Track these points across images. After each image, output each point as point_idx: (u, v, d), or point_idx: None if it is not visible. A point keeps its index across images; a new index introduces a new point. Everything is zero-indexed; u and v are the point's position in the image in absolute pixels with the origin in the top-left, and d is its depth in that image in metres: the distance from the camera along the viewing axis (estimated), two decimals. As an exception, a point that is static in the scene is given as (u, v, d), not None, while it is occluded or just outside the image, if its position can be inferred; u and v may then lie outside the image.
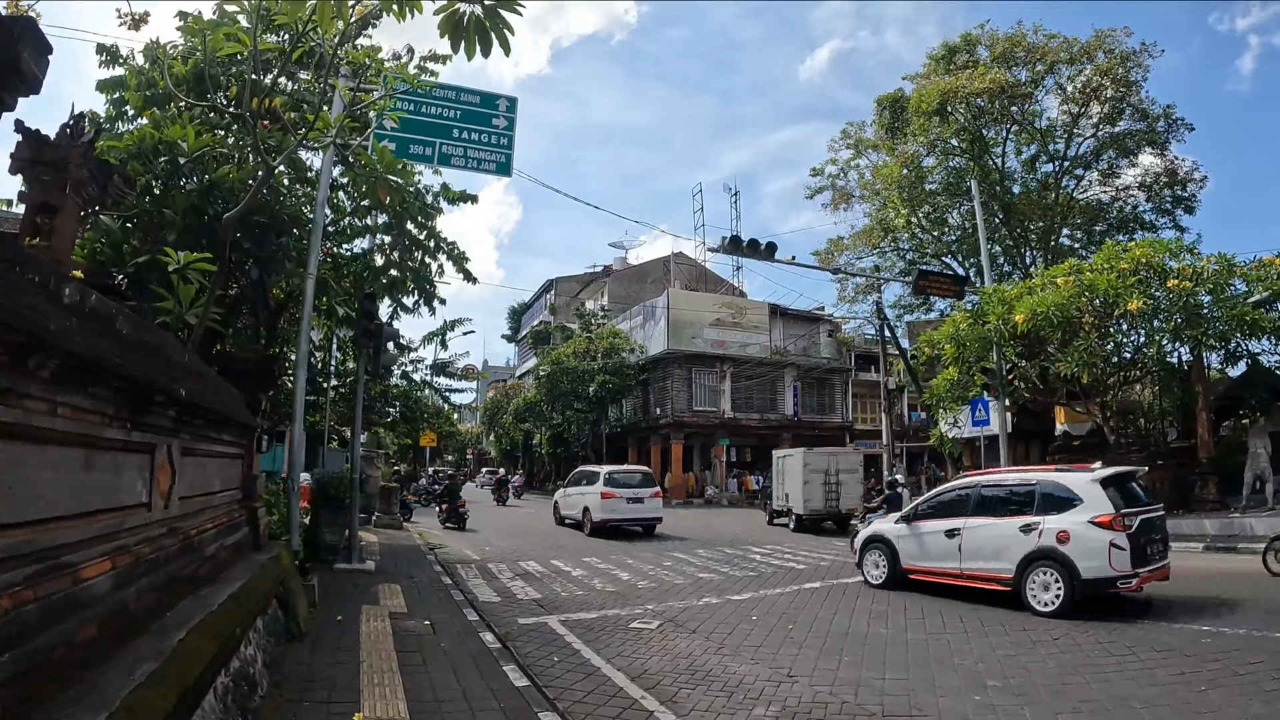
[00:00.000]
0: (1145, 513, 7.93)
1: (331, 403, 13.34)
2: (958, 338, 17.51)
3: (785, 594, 9.38)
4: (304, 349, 7.13)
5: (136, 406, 3.06)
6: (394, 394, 13.23)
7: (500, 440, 50.35)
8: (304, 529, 9.70)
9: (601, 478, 16.52)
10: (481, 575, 10.44)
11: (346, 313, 11.40)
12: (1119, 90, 24.24)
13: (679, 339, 33.16)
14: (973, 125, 23.59)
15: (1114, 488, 7.95)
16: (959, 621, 7.72)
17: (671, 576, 10.66)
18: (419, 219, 10.52)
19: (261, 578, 4.95)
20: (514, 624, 7.32)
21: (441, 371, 13.19)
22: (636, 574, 10.85)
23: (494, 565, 11.43)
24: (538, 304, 58.54)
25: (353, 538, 9.05)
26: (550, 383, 34.13)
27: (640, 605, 8.58)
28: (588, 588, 9.69)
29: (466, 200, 11.02)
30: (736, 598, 9.17)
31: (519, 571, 10.90)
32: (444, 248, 11.19)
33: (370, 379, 11.55)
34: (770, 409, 35.42)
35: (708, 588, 9.80)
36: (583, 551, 13.41)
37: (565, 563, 11.89)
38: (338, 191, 11.19)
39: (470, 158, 8.90)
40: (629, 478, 16.92)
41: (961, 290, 17.93)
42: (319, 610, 6.77)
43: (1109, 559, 7.42)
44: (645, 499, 16.27)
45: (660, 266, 45.70)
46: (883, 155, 28.15)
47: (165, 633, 3.01)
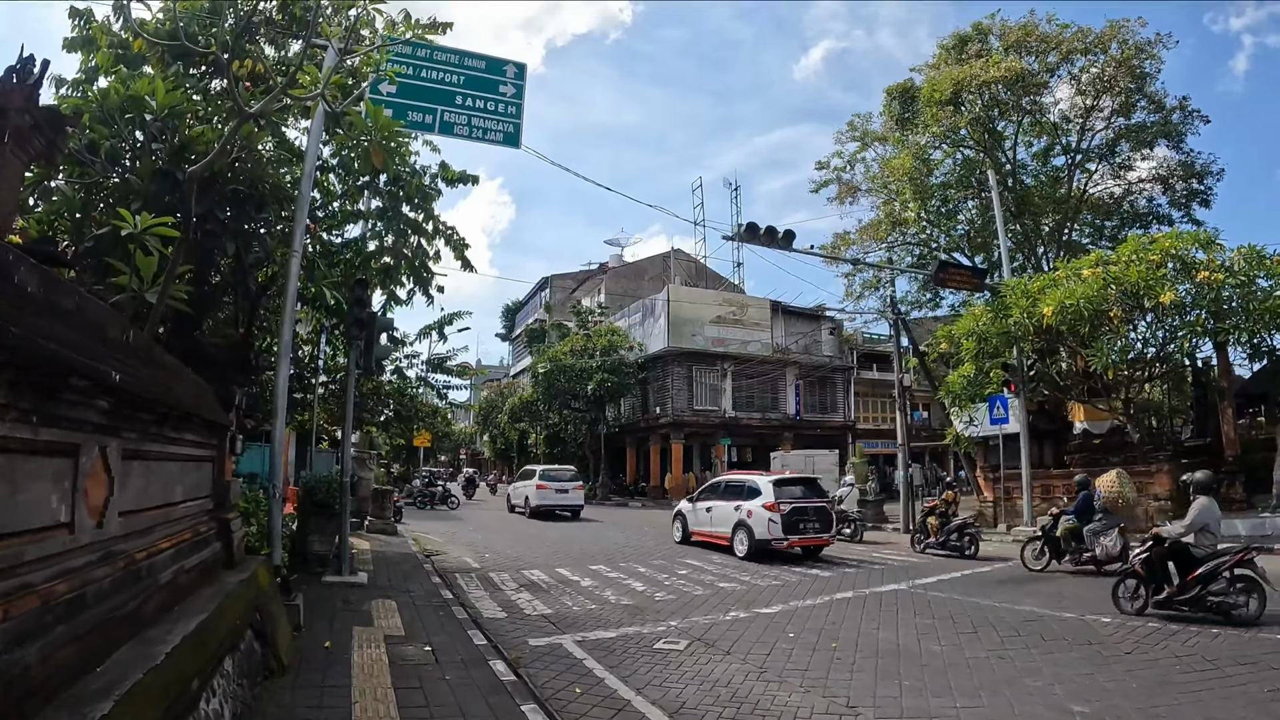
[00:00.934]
0: (799, 503, 12.50)
1: (321, 400, 12.46)
2: (978, 332, 16.85)
3: (818, 606, 8.63)
4: (287, 337, 6.29)
5: (43, 393, 2.23)
6: (387, 391, 12.35)
7: (495, 440, 49.41)
8: (290, 538, 8.85)
9: (537, 474, 21.66)
10: (484, 586, 9.62)
11: (336, 301, 10.55)
12: (1133, 82, 23.73)
13: (679, 336, 32.40)
14: (986, 116, 22.94)
15: (783, 487, 12.83)
16: (1015, 634, 7.05)
17: (689, 587, 9.88)
18: (415, 200, 9.70)
19: (232, 606, 4.12)
20: (525, 646, 6.51)
21: (438, 367, 12.35)
22: (651, 584, 10.06)
23: (496, 575, 10.61)
24: (532, 302, 57.59)
25: (343, 547, 8.21)
26: (547, 381, 33.26)
27: (662, 621, 7.80)
28: (600, 600, 8.89)
29: (466, 182, 10.17)
30: (765, 611, 8.41)
31: (524, 582, 10.08)
32: (442, 231, 10.38)
33: (362, 375, 10.69)
34: (772, 408, 34.72)
35: (731, 600, 9.02)
36: (589, 558, 12.60)
37: (572, 571, 11.08)
38: (328, 174, 10.37)
39: (475, 127, 8.06)
40: (559, 474, 21.92)
41: (982, 283, 17.26)
42: (305, 634, 5.93)
43: (768, 529, 12.17)
44: (570, 490, 21.24)
45: (658, 263, 44.94)
46: (889, 148, 27.52)
47: (83, 705, 2.19)
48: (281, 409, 6.19)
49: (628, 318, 36.43)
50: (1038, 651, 6.42)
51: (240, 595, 4.46)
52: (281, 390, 6.16)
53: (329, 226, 10.82)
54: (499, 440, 48.83)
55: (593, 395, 32.48)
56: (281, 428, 6.15)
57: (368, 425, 13.43)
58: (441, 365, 12.16)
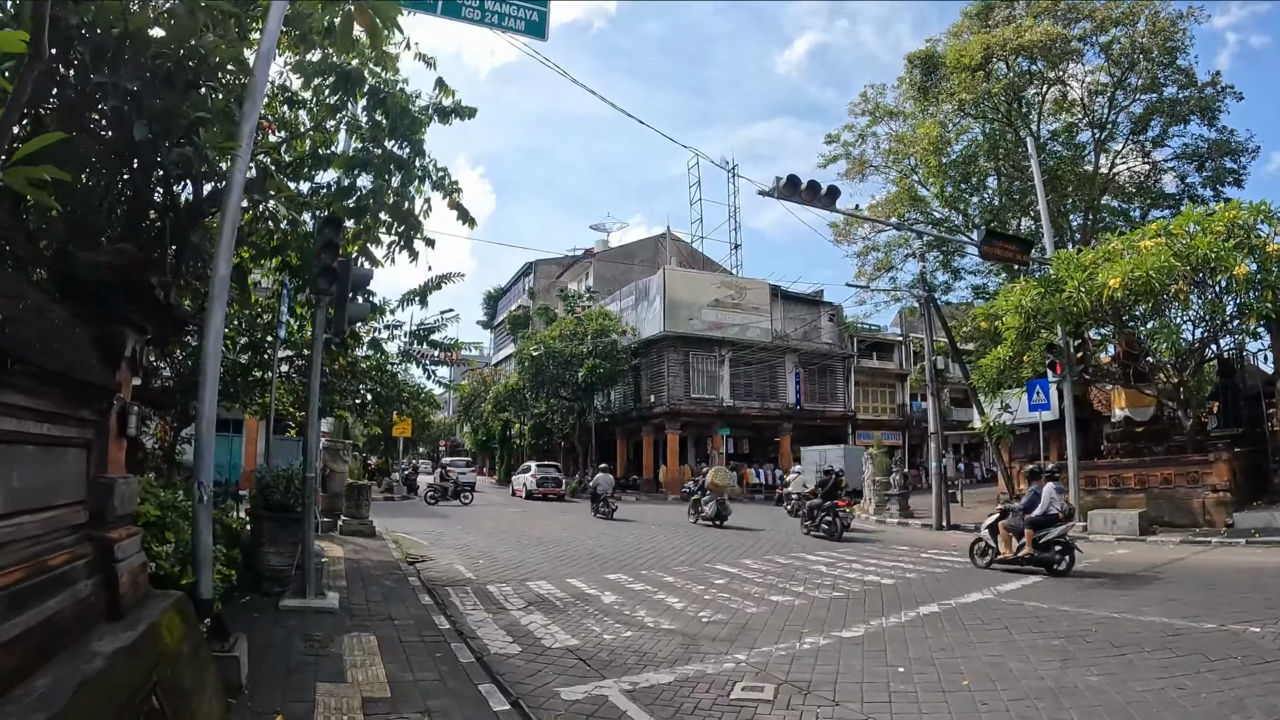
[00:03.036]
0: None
1: (284, 379, 10.44)
2: (1026, 309, 15.36)
3: (908, 625, 7.01)
4: (223, 270, 4.36)
5: None
6: (363, 369, 10.36)
7: (476, 431, 47.24)
8: (240, 549, 6.92)
9: (533, 468, 28.19)
10: (484, 605, 7.79)
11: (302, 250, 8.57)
12: (1165, 55, 22.60)
13: (675, 320, 30.65)
14: (1018, 83, 21.51)
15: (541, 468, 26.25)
16: (1170, 653, 5.64)
17: (737, 602, 8.16)
18: (400, 127, 7.78)
19: (91, 707, 2.26)
20: (558, 703, 4.73)
21: (424, 339, 10.35)
22: (689, 599, 8.33)
23: (496, 588, 8.78)
24: (515, 288, 55.36)
25: (307, 561, 6.31)
26: (535, 367, 31.30)
27: (725, 654, 6.09)
28: (634, 623, 7.13)
29: (464, 115, 8.28)
30: (849, 635, 6.75)
31: (532, 597, 8.27)
32: (431, 174, 8.47)
33: (333, 343, 8.73)
34: (771, 397, 33.21)
35: (797, 619, 7.33)
36: (601, 565, 10.82)
37: (587, 582, 9.30)
38: (297, 110, 8.41)
39: (488, 10, 6.14)
40: (547, 470, 28.02)
41: (1027, 256, 15.79)
42: (247, 702, 4.07)
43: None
44: (560, 479, 27.91)
45: (649, 246, 43.13)
46: (901, 124, 26.10)
47: None
48: (212, 375, 4.29)
49: (619, 301, 34.58)
50: (1214, 676, 4.99)
51: (118, 672, 2.60)
52: (213, 345, 4.26)
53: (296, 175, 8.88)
54: (480, 431, 46.69)
55: (583, 383, 30.62)
56: (210, 401, 4.25)
57: (339, 410, 11.40)
58: (428, 337, 10.17)
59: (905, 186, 24.33)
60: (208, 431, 4.28)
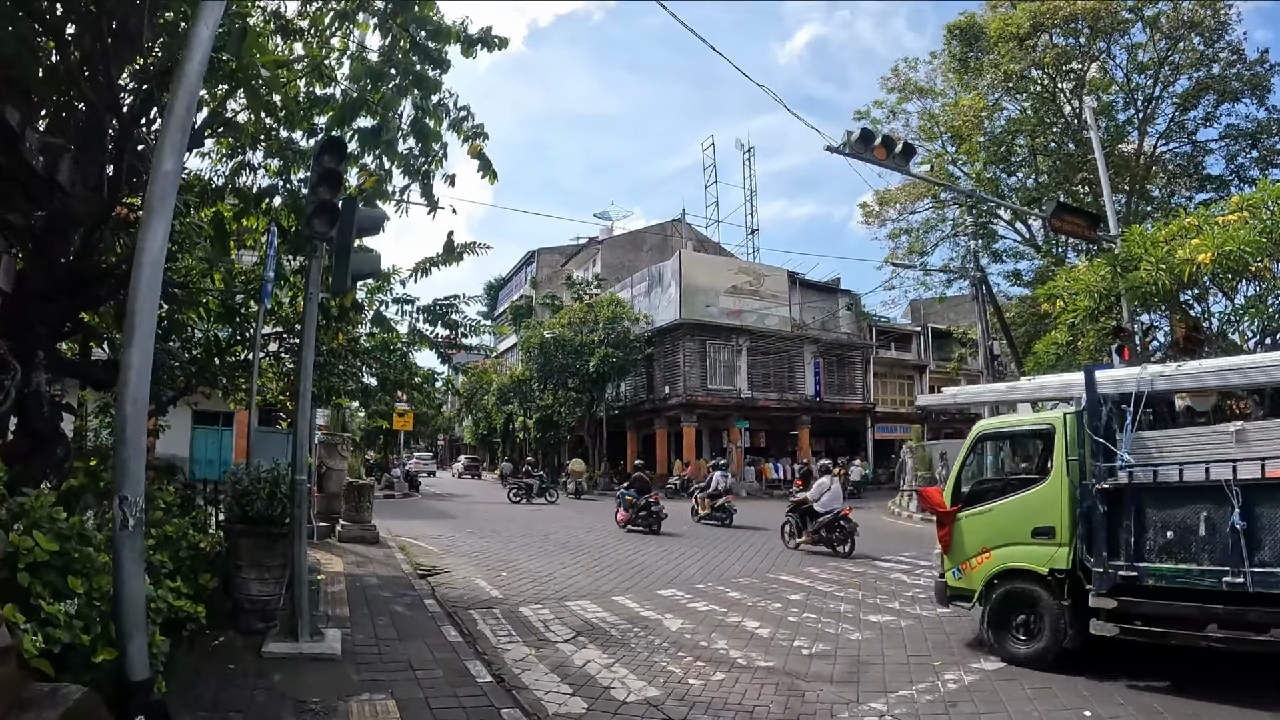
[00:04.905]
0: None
1: (274, 359, 8.84)
2: (1096, 289, 13.89)
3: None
4: (170, 163, 2.79)
5: None
6: (366, 347, 8.72)
7: (478, 425, 45.63)
8: (216, 574, 5.34)
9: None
10: (522, 636, 6.24)
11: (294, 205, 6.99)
12: (1214, 31, 21.19)
13: (692, 307, 29.05)
14: (1069, 53, 20.00)
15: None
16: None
17: (831, 624, 6.66)
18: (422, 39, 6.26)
19: None
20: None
21: (440, 319, 8.67)
22: (770, 621, 6.82)
23: (532, 611, 7.23)
24: (517, 278, 53.65)
25: (299, 593, 4.74)
26: (544, 356, 29.69)
27: (857, 703, 4.71)
28: (719, 659, 5.61)
29: (491, 46, 6.68)
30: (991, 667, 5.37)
31: (578, 624, 6.73)
32: (452, 112, 6.91)
33: (329, 311, 7.12)
34: (789, 388, 31.69)
35: (916, 645, 5.85)
36: (647, 577, 9.27)
37: (638, 600, 7.76)
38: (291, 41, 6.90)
39: None
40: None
41: (1094, 232, 14.29)
42: None
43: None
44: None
45: (658, 233, 41.47)
46: (933, 101, 24.58)
47: None
48: (144, 322, 2.72)
49: (630, 288, 32.96)
50: None
51: None
52: (148, 279, 2.69)
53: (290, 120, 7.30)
54: (482, 425, 45.09)
55: (594, 373, 29.03)
56: (139, 367, 2.69)
57: (339, 398, 9.79)
58: (445, 316, 8.51)
59: (939, 165, 22.76)
60: (134, 415, 2.71)
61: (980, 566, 5.82)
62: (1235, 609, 4.52)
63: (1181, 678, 4.93)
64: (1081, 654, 5.32)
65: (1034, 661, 5.35)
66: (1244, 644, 4.53)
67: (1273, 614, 4.36)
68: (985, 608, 5.72)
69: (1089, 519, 5.11)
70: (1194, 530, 4.73)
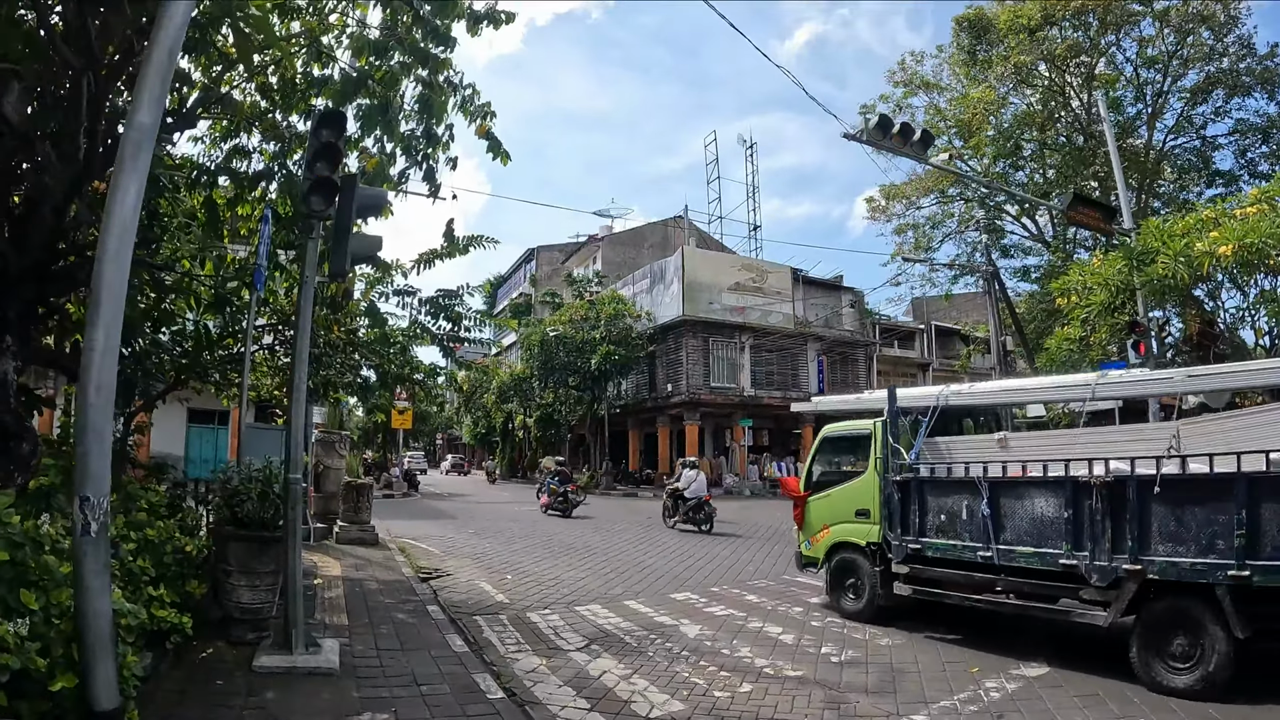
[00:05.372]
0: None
1: (269, 352, 8.46)
2: (1113, 282, 13.56)
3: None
4: (147, 116, 2.42)
5: None
6: (365, 339, 8.30)
7: (477, 424, 45.23)
8: (204, 580, 4.97)
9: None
10: (530, 644, 5.86)
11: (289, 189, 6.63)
12: (1224, 25, 20.91)
13: (695, 304, 28.69)
14: (1079, 45, 19.68)
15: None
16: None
17: (859, 630, 6.27)
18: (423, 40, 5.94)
19: None
20: None
21: (444, 312, 8.23)
22: (793, 627, 6.44)
23: (541, 617, 6.86)
24: (516, 275, 53.21)
25: (293, 602, 4.36)
26: (545, 354, 29.31)
27: (897, 715, 4.33)
28: (744, 668, 5.25)
29: (498, 22, 6.30)
30: (1031, 672, 5.04)
31: (590, 630, 6.36)
32: (458, 87, 6.55)
33: (325, 299, 6.75)
34: (792, 386, 31.34)
35: (950, 651, 5.45)
36: (658, 579, 8.91)
37: (652, 605, 7.39)
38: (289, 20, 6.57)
39: None
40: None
41: (1109, 225, 13.97)
42: None
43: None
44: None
45: (659, 230, 41.14)
46: (939, 96, 24.23)
47: None
48: (109, 299, 2.33)
49: (632, 285, 32.59)
50: None
51: None
52: (115, 243, 2.32)
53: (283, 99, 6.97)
54: (481, 424, 44.71)
55: (596, 371, 28.66)
56: (104, 346, 2.31)
57: (336, 393, 9.39)
58: (448, 309, 8.10)
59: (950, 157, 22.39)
60: (98, 404, 2.33)
61: (822, 539, 7.25)
62: (987, 577, 5.74)
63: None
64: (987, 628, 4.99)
65: (859, 615, 6.72)
66: (997, 605, 5.76)
67: (1014, 582, 5.57)
68: (827, 572, 7.19)
69: (888, 503, 6.43)
70: (958, 514, 5.90)
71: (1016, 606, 5.64)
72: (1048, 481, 5.34)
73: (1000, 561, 5.53)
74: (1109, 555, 4.92)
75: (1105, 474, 4.98)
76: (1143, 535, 4.80)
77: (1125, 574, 4.84)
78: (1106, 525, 4.95)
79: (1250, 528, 4.35)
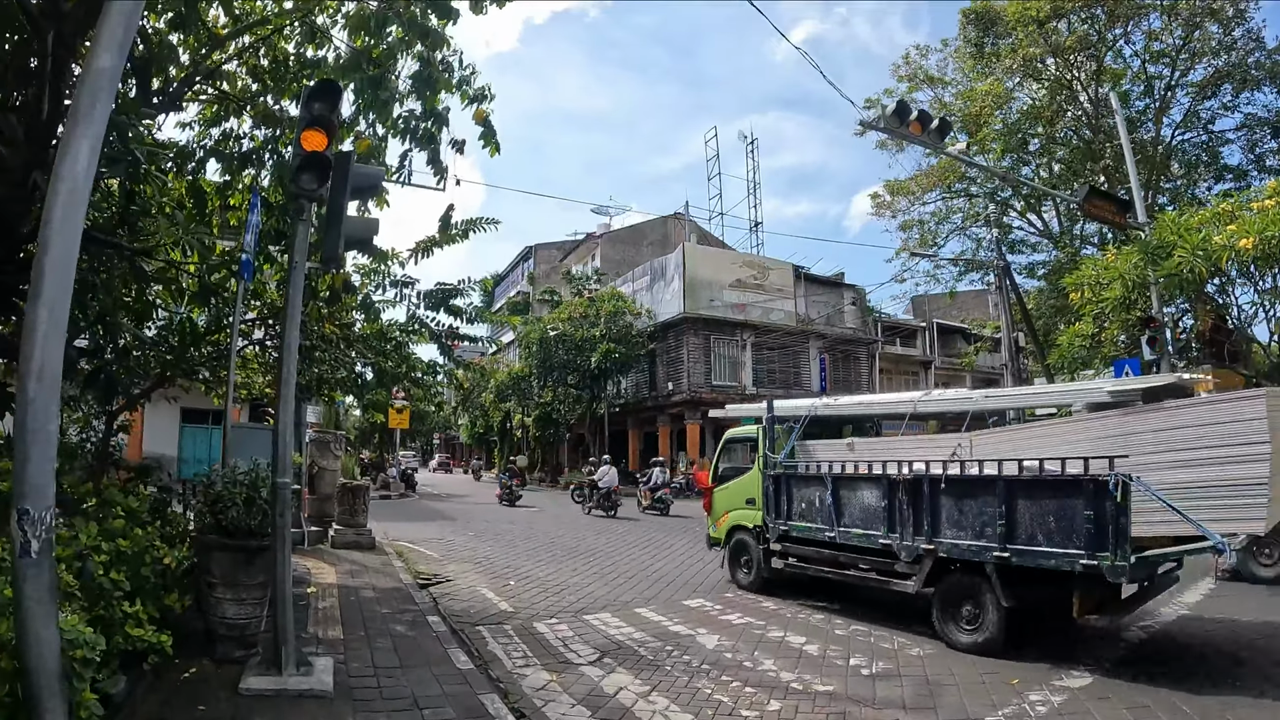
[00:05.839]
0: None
1: (260, 348, 8.07)
2: (1129, 277, 13.25)
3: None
4: (107, 60, 2.05)
5: None
6: (360, 333, 7.88)
7: (474, 423, 44.81)
8: (186, 593, 4.59)
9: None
10: (539, 658, 5.49)
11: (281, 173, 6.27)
12: (1233, 19, 20.65)
13: (696, 301, 28.33)
14: (1088, 39, 19.38)
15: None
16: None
17: (887, 639, 5.90)
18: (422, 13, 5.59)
19: None
20: None
21: (442, 304, 7.85)
22: (817, 637, 6.07)
23: (549, 627, 6.49)
24: (513, 274, 52.78)
25: (282, 617, 3.97)
26: (544, 352, 28.92)
27: None
28: (769, 684, 4.90)
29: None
30: (1075, 684, 4.71)
31: (602, 642, 5.99)
32: (454, 68, 6.20)
33: (321, 291, 6.37)
34: (794, 384, 31.00)
35: (985, 661, 5.09)
36: (668, 585, 8.53)
37: (665, 613, 7.02)
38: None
39: None
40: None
41: (1124, 219, 13.67)
42: None
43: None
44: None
45: (658, 227, 40.74)
46: (944, 91, 23.90)
47: None
48: (55, 271, 1.96)
49: (631, 282, 32.20)
50: None
51: None
52: (63, 205, 1.94)
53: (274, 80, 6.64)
54: (478, 423, 44.28)
55: (595, 369, 28.29)
56: (49, 319, 1.94)
57: (329, 390, 8.98)
58: (448, 301, 7.72)
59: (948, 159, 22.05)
60: (40, 396, 1.95)
61: (723, 523, 8.68)
62: (834, 553, 7.00)
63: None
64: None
65: (750, 587, 8.07)
66: (844, 576, 7.03)
67: (851, 557, 6.86)
68: (726, 551, 8.62)
69: (766, 493, 7.77)
70: (814, 502, 7.20)
71: (855, 577, 6.91)
72: (871, 478, 6.58)
73: (841, 540, 6.83)
74: (912, 537, 6.10)
75: (909, 473, 6.16)
76: (935, 522, 5.96)
77: (923, 552, 6.03)
78: (910, 513, 6.13)
79: (1008, 519, 5.40)
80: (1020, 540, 5.31)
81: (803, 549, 7.34)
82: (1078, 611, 5.18)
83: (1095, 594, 5.13)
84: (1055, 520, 5.17)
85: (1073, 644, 5.74)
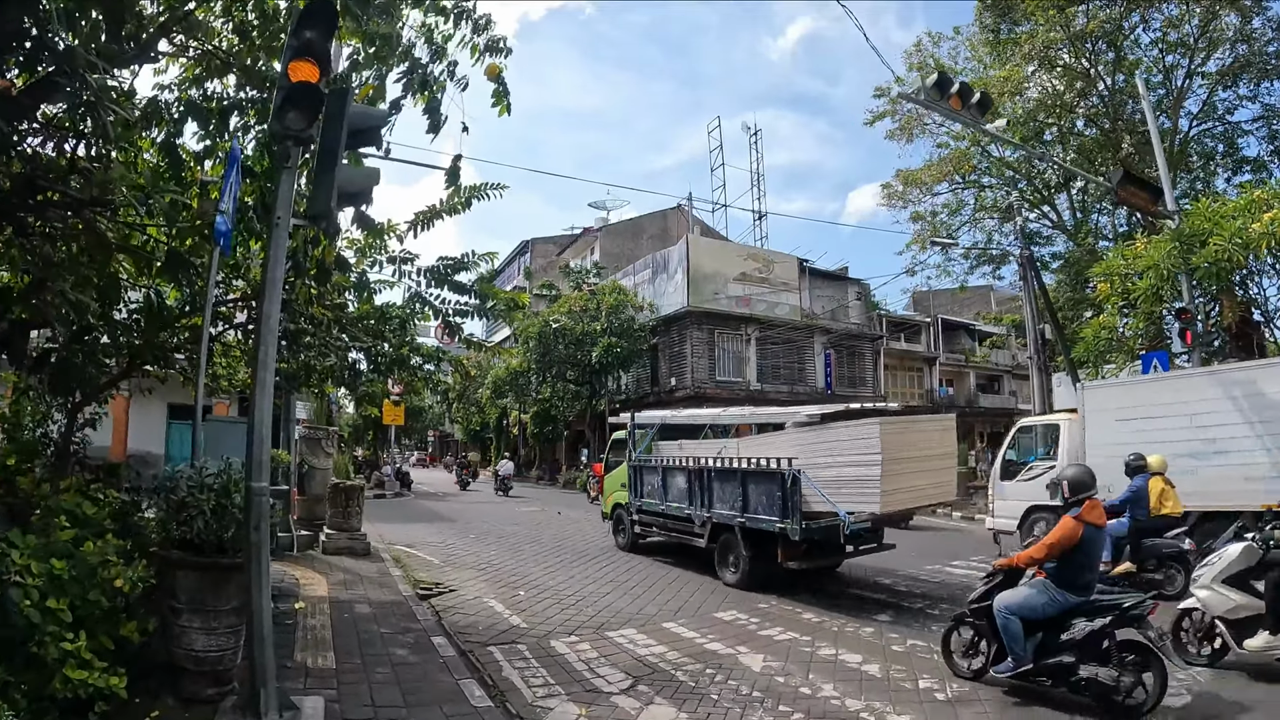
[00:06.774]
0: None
1: (242, 333, 7.27)
2: (1164, 266, 12.64)
3: None
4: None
5: None
6: (355, 314, 7.09)
7: (469, 420, 43.95)
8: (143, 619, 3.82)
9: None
10: (563, 686, 4.76)
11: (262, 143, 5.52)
12: (1250, 10, 20.14)
13: (699, 295, 27.58)
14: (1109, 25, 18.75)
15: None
16: None
17: (932, 653, 5.19)
18: None
19: None
20: None
21: (446, 280, 7.07)
22: (873, 652, 5.36)
23: (568, 645, 5.75)
24: (509, 269, 51.84)
25: (260, 650, 3.21)
26: (543, 347, 28.14)
27: None
28: (832, 713, 4.17)
29: None
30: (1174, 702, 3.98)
31: (629, 665, 5.26)
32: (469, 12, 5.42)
33: (308, 265, 5.56)
34: (799, 380, 30.37)
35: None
36: (695, 592, 7.80)
37: (695, 628, 6.30)
38: None
39: None
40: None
41: (1156, 207, 13.07)
42: None
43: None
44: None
45: (659, 221, 39.98)
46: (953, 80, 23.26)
47: None
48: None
49: (632, 276, 31.43)
50: None
51: None
52: None
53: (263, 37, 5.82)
54: (474, 420, 43.43)
55: (596, 364, 27.52)
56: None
57: (319, 380, 8.17)
58: (450, 277, 6.95)
59: (974, 140, 21.37)
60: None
61: (609, 501, 11.55)
62: (666, 521, 9.61)
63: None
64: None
65: (624, 548, 10.67)
66: (675, 538, 9.55)
67: (674, 524, 9.41)
68: (612, 522, 11.36)
69: (629, 479, 10.36)
70: (654, 485, 9.76)
71: (676, 539, 9.48)
72: (680, 468, 9.21)
73: (667, 512, 9.43)
74: (700, 508, 8.67)
75: (694, 465, 8.84)
76: (710, 498, 8.53)
77: (706, 519, 8.59)
78: (698, 492, 8.71)
79: (744, 496, 7.97)
80: (751, 511, 7.86)
81: (649, 519, 9.97)
82: (781, 559, 7.56)
83: (788, 548, 7.48)
84: (766, 498, 7.69)
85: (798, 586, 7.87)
